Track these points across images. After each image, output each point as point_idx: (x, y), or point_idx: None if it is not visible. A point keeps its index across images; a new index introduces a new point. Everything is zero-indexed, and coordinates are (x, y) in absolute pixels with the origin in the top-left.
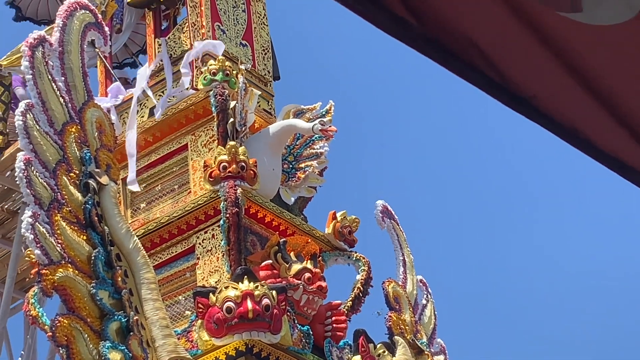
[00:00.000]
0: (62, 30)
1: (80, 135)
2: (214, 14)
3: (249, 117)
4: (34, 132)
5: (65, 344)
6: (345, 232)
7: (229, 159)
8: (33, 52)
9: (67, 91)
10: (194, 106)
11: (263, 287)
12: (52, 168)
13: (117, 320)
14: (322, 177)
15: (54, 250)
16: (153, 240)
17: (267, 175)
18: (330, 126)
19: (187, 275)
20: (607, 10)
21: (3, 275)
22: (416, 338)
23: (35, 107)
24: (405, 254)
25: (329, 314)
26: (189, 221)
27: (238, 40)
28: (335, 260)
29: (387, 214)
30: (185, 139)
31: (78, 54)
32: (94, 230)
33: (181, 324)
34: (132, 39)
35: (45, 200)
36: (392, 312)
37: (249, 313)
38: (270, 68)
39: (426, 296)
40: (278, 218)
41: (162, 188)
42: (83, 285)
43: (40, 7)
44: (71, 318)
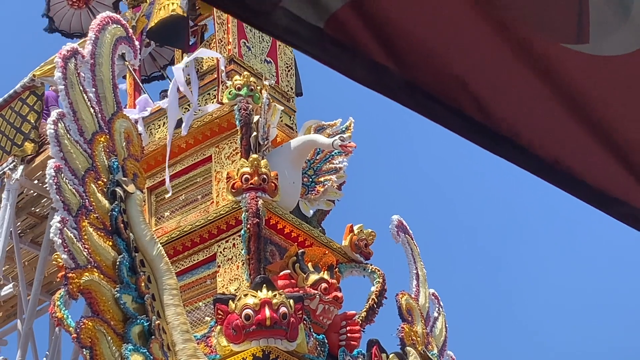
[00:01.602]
0: (94, 43)
1: (109, 145)
2: (240, 31)
3: (272, 132)
4: (65, 141)
5: (89, 346)
6: (362, 245)
7: (251, 171)
8: (66, 64)
9: (98, 102)
10: (218, 119)
11: (281, 295)
12: (81, 175)
13: (139, 324)
14: (340, 191)
15: (81, 255)
16: (176, 247)
17: (287, 187)
18: (349, 142)
19: (207, 282)
20: (614, 41)
21: (31, 277)
22: (427, 349)
23: (67, 116)
24: (418, 268)
25: (344, 324)
26: (211, 230)
27: (263, 57)
28: (351, 271)
29: (402, 228)
30: (209, 151)
31: (109, 67)
32: (119, 237)
33: (201, 330)
34: (160, 53)
35: (73, 206)
36: (404, 324)
37: (267, 320)
38: (293, 84)
39: (438, 309)
40: (297, 229)
41: (186, 197)
42: (108, 290)
43: (74, 21)
44: (95, 321)
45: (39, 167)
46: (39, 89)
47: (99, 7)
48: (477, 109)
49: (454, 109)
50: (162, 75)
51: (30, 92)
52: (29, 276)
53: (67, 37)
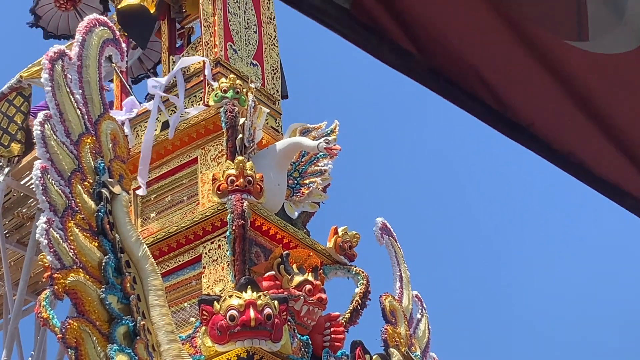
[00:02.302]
0: (81, 45)
1: (95, 146)
2: (227, 34)
3: (257, 134)
4: (51, 142)
5: (74, 346)
6: (346, 246)
7: (236, 173)
8: (53, 65)
9: (84, 103)
10: (204, 121)
11: (265, 297)
12: (67, 176)
13: (124, 324)
14: (325, 193)
15: (67, 256)
16: (161, 248)
17: (272, 189)
18: (334, 145)
19: (193, 283)
20: (613, 39)
21: (17, 277)
22: (410, 351)
23: (54, 117)
24: (402, 270)
25: (328, 325)
26: (197, 231)
27: (249, 60)
28: (336, 273)
29: (386, 231)
30: (195, 153)
31: (96, 69)
32: (105, 238)
33: (186, 330)
34: (147, 55)
35: (59, 207)
36: (388, 325)
37: (251, 321)
38: (279, 87)
39: (421, 311)
40: (282, 231)
41: (171, 199)
42: (93, 290)
43: (61, 22)
44: (81, 321)
45: (25, 168)
46: (25, 90)
47: (87, 9)
48: (494, 98)
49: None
50: (149, 77)
51: (17, 94)
52: (15, 276)
53: (55, 38)
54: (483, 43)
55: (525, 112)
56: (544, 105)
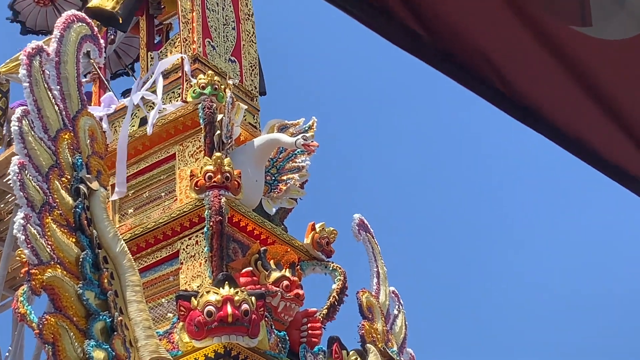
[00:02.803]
0: (59, 41)
1: (73, 142)
2: (205, 30)
3: (235, 130)
4: (29, 138)
5: (52, 342)
6: (323, 242)
7: (214, 170)
8: (31, 61)
9: (62, 99)
10: (182, 118)
11: (243, 293)
12: (45, 172)
13: (102, 320)
14: (302, 189)
15: (44, 251)
16: (139, 244)
17: (250, 186)
18: (312, 141)
19: (170, 279)
20: (616, 25)
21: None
22: (387, 347)
23: (31, 113)
24: (379, 266)
25: (305, 321)
26: (174, 227)
27: (227, 57)
28: (313, 269)
29: (363, 227)
30: (173, 149)
31: (74, 64)
32: (82, 233)
33: (163, 326)
34: (125, 52)
35: (37, 203)
36: (365, 321)
37: (229, 317)
38: (256, 84)
39: (398, 307)
40: (259, 227)
41: (149, 195)
42: (70, 286)
43: (39, 19)
44: (58, 317)
45: (3, 164)
46: (3, 85)
47: (65, 5)
48: (502, 82)
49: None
50: (127, 73)
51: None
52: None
53: (33, 34)
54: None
55: (532, 96)
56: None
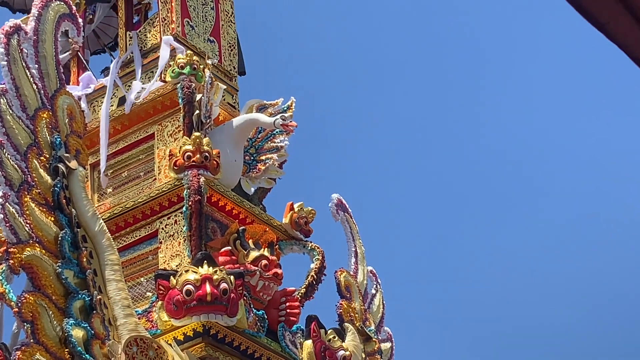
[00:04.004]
0: (37, 20)
1: (52, 121)
2: (184, 10)
3: (214, 110)
4: (7, 117)
5: (30, 320)
6: (302, 222)
7: (193, 149)
8: (8, 40)
9: (40, 78)
10: (161, 97)
11: (221, 272)
12: (23, 151)
13: (81, 298)
14: (281, 169)
15: (23, 230)
16: (118, 224)
17: (229, 165)
18: (290, 121)
19: (149, 258)
20: None
21: None
22: (365, 325)
23: (9, 92)
24: (357, 246)
25: (284, 300)
26: (153, 207)
27: (206, 37)
28: (291, 249)
29: (342, 207)
30: (152, 129)
31: (52, 43)
32: (61, 212)
33: (142, 305)
34: (104, 31)
35: (15, 181)
36: (343, 301)
37: (207, 296)
38: (235, 64)
39: (375, 286)
40: (238, 207)
41: (128, 174)
42: (49, 265)
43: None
44: (37, 295)
45: None
46: None
47: None
48: None
49: None
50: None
51: None
52: None
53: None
54: None
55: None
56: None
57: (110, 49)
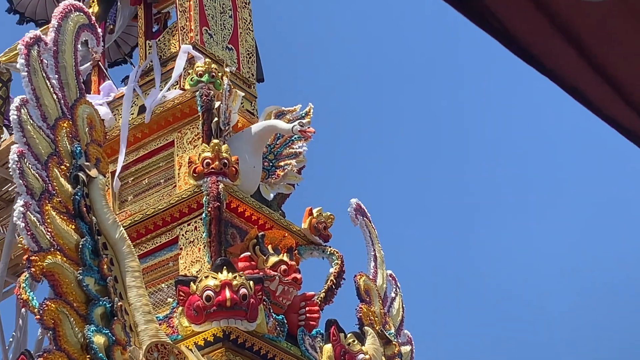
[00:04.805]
0: (57, 31)
1: (72, 130)
2: (203, 19)
3: (233, 117)
4: (28, 126)
5: (52, 327)
6: (321, 227)
7: (212, 156)
8: (29, 51)
9: (60, 88)
10: (180, 105)
11: (241, 277)
12: (44, 160)
13: (102, 305)
14: (300, 175)
15: (44, 238)
16: (139, 230)
17: (248, 172)
18: (309, 127)
19: (170, 264)
20: None
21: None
22: (385, 329)
23: (30, 102)
24: (376, 250)
25: (303, 304)
26: (173, 214)
27: (224, 44)
28: (311, 253)
29: (360, 211)
30: (172, 136)
31: (72, 54)
32: (82, 220)
33: (163, 311)
34: (124, 40)
35: (36, 190)
36: (362, 304)
37: (227, 302)
38: (254, 71)
39: (395, 290)
40: (257, 213)
41: (149, 182)
42: (70, 272)
43: (39, 7)
44: (58, 302)
45: (4, 152)
46: (4, 74)
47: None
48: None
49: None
50: (125, 61)
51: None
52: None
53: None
54: None
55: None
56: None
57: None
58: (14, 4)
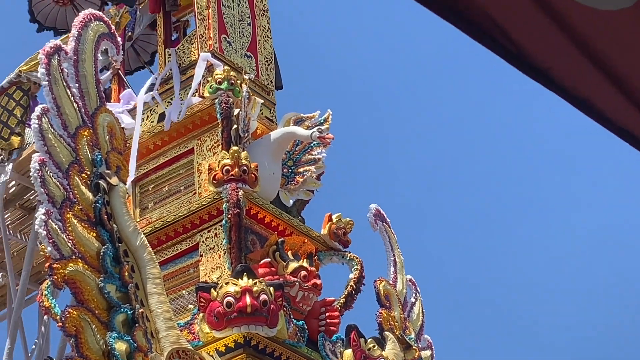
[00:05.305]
0: (77, 40)
1: (92, 139)
2: (221, 26)
3: (252, 124)
4: (49, 135)
5: (74, 334)
6: (340, 233)
7: (231, 163)
8: (49, 60)
9: (81, 97)
10: (200, 113)
11: (261, 283)
12: (65, 169)
13: (123, 312)
14: (319, 181)
15: (65, 246)
16: (159, 237)
17: (267, 178)
18: (327, 134)
19: (190, 271)
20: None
21: (20, 267)
22: (405, 334)
23: (51, 111)
24: (396, 255)
25: (323, 310)
26: (194, 220)
27: (243, 52)
28: (330, 259)
29: (380, 217)
30: (191, 144)
31: (92, 62)
32: (103, 228)
33: (184, 317)
34: (143, 48)
35: (58, 198)
36: (382, 309)
37: (248, 308)
38: (272, 78)
39: (415, 295)
40: (277, 219)
41: (169, 189)
42: (92, 279)
43: (59, 18)
44: (80, 310)
45: (27, 161)
46: (25, 84)
47: (84, 3)
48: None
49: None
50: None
51: (17, 88)
52: (18, 266)
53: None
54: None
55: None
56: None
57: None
58: (35, 14)
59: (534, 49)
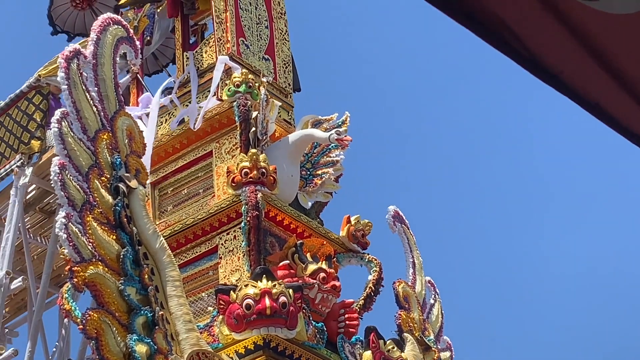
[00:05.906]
0: (95, 44)
1: (112, 142)
2: (239, 30)
3: (270, 127)
4: (69, 139)
5: (95, 337)
6: (359, 235)
7: (250, 166)
8: (68, 64)
9: (100, 100)
10: (218, 116)
11: (280, 285)
12: (84, 172)
13: (143, 314)
14: (337, 183)
15: (86, 249)
16: (179, 240)
17: (286, 181)
18: (345, 136)
19: (210, 273)
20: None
21: (40, 271)
22: (424, 335)
23: (70, 115)
24: (414, 257)
25: (342, 312)
26: (213, 223)
27: (261, 55)
28: (349, 261)
29: (398, 218)
30: (210, 146)
31: (110, 66)
32: (123, 231)
33: (204, 319)
34: (162, 52)
35: (78, 202)
36: (401, 311)
37: (267, 310)
38: (290, 81)
39: (434, 296)
40: (296, 221)
41: (188, 192)
42: (112, 282)
43: (78, 21)
44: (100, 312)
45: (46, 164)
46: (44, 88)
47: (102, 8)
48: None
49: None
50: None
51: (36, 92)
52: (38, 269)
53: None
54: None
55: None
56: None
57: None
58: (53, 19)
59: (546, 53)
